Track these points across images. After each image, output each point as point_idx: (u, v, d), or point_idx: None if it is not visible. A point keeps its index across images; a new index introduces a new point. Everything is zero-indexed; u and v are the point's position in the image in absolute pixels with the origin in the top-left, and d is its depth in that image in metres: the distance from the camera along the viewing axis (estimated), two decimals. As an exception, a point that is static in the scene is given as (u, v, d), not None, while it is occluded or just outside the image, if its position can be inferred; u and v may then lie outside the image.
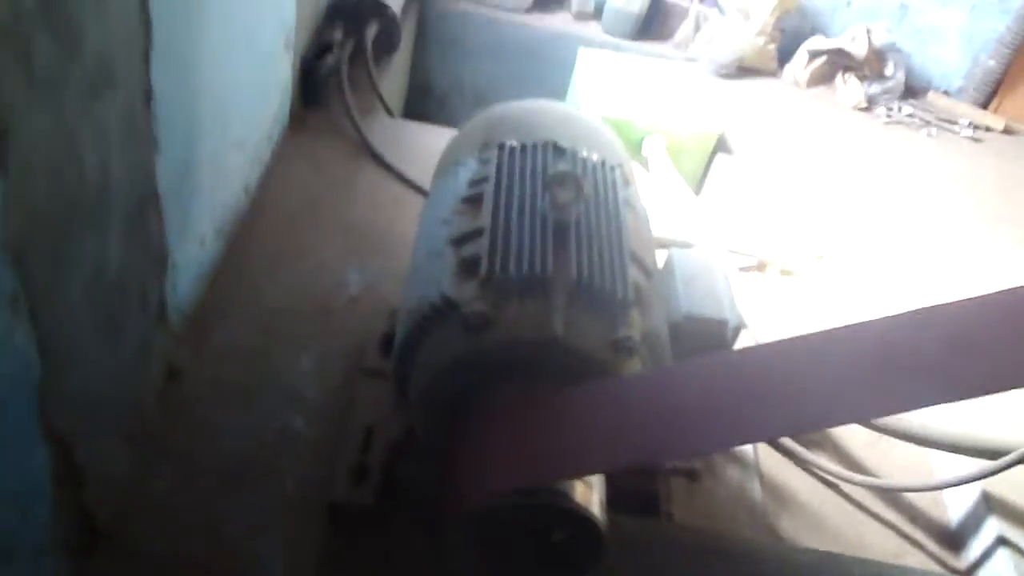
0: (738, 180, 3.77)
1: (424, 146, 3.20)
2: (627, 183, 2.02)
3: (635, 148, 3.64)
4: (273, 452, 2.08)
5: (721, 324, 1.93)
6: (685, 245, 2.89)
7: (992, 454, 2.25)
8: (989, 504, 2.38)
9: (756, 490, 2.31)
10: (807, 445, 2.53)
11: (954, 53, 4.98)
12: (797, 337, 1.36)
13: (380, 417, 2.03)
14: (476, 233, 1.73)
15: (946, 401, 1.21)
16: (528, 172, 1.86)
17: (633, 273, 1.72)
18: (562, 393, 1.48)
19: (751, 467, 2.36)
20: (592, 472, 1.46)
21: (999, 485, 2.40)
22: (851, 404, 1.26)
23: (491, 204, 1.78)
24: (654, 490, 1.98)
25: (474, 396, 1.58)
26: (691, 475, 2.07)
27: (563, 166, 1.82)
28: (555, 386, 1.50)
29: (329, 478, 1.92)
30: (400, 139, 3.29)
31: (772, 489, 2.39)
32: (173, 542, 1.86)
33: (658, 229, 2.21)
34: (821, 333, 1.32)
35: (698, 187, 3.83)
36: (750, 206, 3.59)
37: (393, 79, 3.87)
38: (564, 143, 1.95)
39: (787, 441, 2.48)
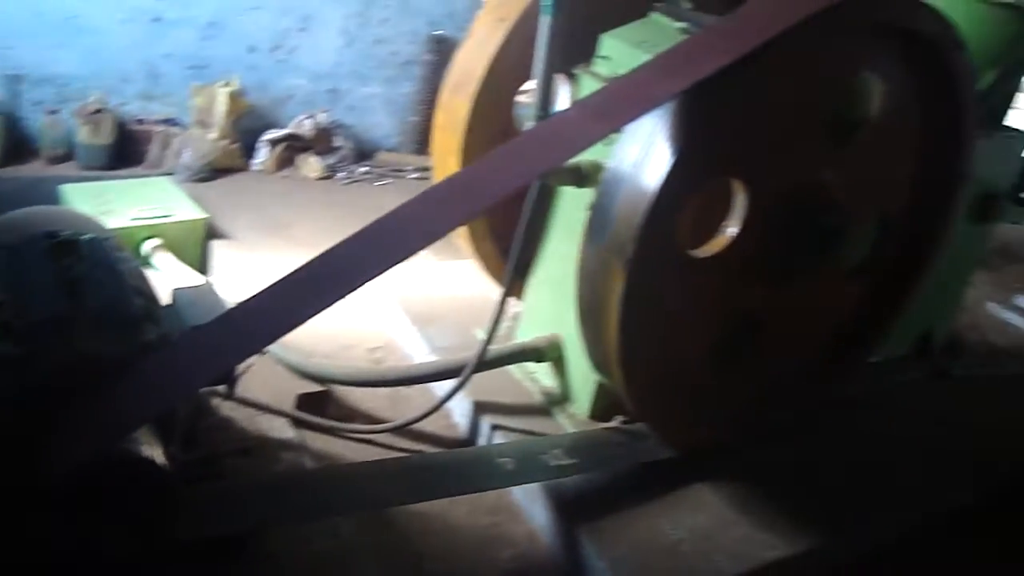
0: (240, 255, 4.34)
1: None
2: (118, 249, 2.50)
3: (137, 252, 4.05)
4: None
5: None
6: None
7: (452, 374, 3.05)
8: (479, 408, 3.18)
9: (306, 462, 2.86)
10: (341, 419, 3.16)
11: (385, 118, 6.08)
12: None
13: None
14: (-4, 307, 2.12)
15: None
16: (34, 254, 2.28)
17: (137, 300, 2.22)
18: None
19: (300, 446, 2.90)
20: (148, 420, 1.92)
21: (482, 395, 3.21)
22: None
23: (4, 283, 2.18)
24: (216, 469, 2.45)
25: (33, 416, 1.95)
26: (245, 452, 2.57)
27: (62, 238, 2.28)
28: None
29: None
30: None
31: (321, 458, 2.96)
32: None
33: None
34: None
35: (203, 269, 4.33)
36: (256, 275, 4.17)
37: None
38: (59, 229, 2.40)
39: (323, 421, 3.08)
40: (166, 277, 3.95)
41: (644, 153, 2.34)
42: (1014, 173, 4.36)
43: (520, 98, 3.25)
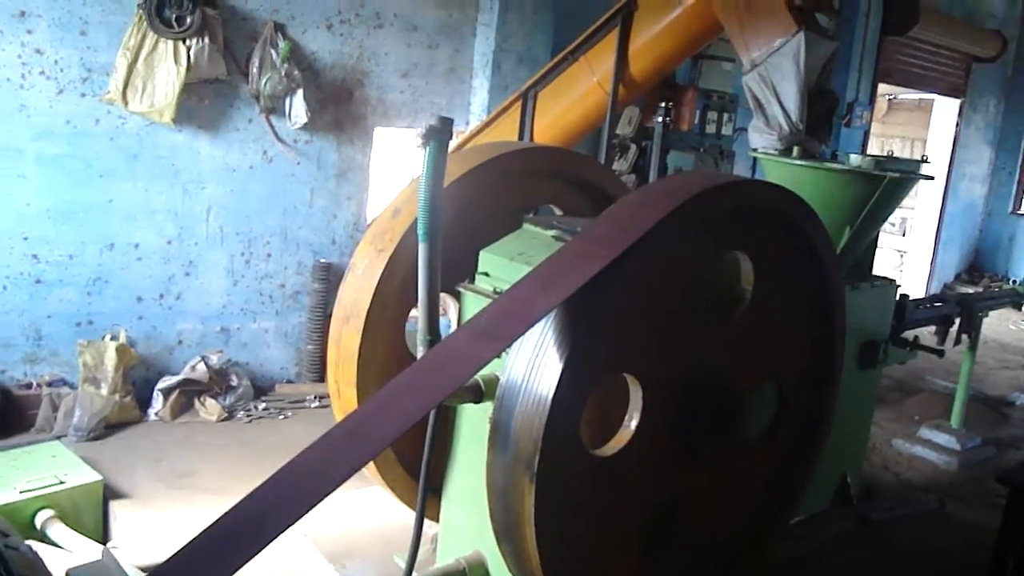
0: (142, 514, 4.16)
1: None
2: (4, 534, 2.38)
3: (30, 526, 3.85)
4: None
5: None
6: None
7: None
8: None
9: None
10: None
11: (280, 350, 6.07)
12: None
13: None
14: None
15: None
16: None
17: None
18: None
19: None
20: None
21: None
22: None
23: None
24: None
25: None
26: None
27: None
28: None
29: None
30: None
31: None
32: None
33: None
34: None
35: (104, 535, 4.12)
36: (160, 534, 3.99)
37: None
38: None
39: None
40: (64, 550, 3.75)
41: (534, 363, 2.39)
42: (889, 318, 4.61)
43: (410, 323, 3.30)
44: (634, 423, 2.67)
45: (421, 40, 6.35)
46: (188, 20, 5.10)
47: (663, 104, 6.74)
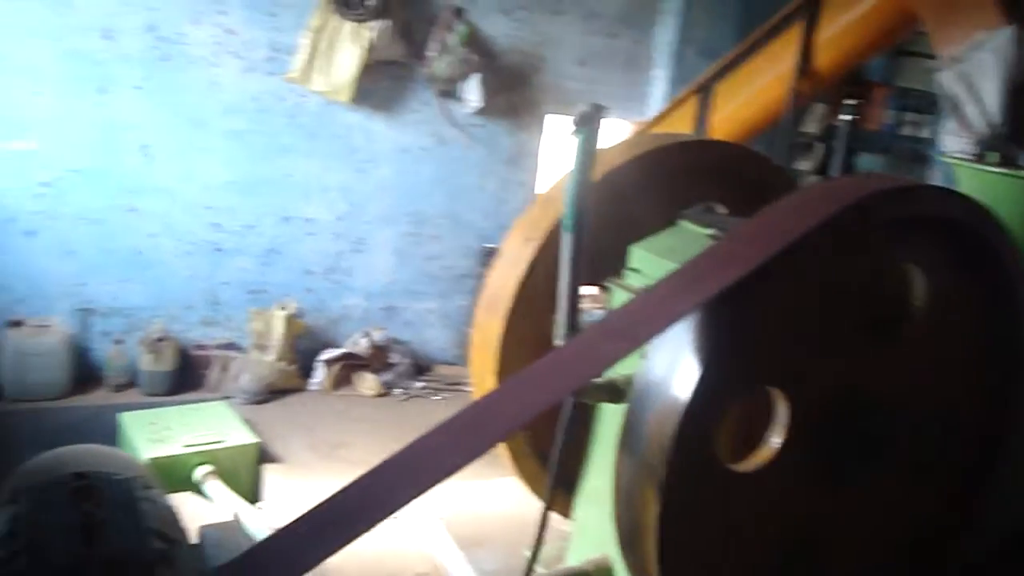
0: (293, 479, 4.31)
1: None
2: (147, 487, 2.47)
3: (190, 479, 4.05)
4: None
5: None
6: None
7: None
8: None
9: None
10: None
11: (441, 332, 6.15)
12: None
13: None
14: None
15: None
16: (58, 497, 2.27)
17: (156, 543, 2.17)
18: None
19: None
20: None
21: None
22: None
23: (26, 526, 2.16)
24: None
25: None
26: None
27: (82, 483, 2.27)
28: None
29: None
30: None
31: None
32: None
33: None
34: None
35: (255, 495, 4.30)
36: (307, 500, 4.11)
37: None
38: (86, 470, 2.39)
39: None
40: (218, 504, 3.92)
41: (672, 364, 2.26)
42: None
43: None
44: (778, 440, 2.50)
45: (600, 28, 6.25)
46: (370, 3, 5.21)
47: (850, 101, 6.36)
